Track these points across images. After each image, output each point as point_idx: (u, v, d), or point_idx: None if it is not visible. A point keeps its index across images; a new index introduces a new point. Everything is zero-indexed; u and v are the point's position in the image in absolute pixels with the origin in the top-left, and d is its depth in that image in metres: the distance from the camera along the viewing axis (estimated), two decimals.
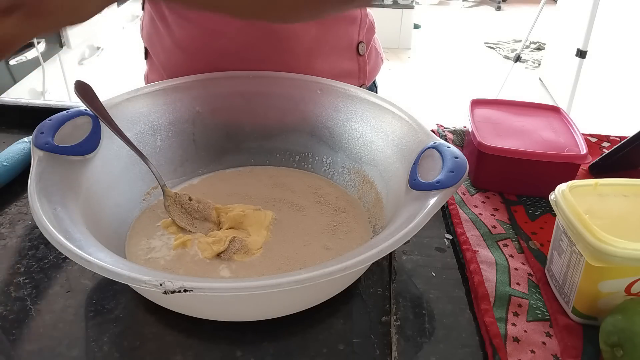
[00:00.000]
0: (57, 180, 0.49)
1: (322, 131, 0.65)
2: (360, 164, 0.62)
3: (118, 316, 0.47)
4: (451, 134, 0.74)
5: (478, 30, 4.05)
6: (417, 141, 0.53)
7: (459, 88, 3.03)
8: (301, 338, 0.46)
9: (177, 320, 0.46)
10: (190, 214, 0.57)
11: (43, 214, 0.43)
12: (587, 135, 0.74)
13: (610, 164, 0.65)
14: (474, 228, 0.58)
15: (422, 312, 0.48)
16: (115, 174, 0.56)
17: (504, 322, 0.46)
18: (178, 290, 0.37)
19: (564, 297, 0.48)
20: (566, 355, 0.44)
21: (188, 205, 0.57)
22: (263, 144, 0.67)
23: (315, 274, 0.39)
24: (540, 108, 0.71)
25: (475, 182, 0.65)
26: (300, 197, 0.62)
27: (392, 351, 0.44)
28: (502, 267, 0.52)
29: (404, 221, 0.44)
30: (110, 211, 0.54)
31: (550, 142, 0.63)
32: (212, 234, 0.55)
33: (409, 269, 0.53)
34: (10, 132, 0.77)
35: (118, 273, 0.38)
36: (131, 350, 0.44)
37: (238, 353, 0.44)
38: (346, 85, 0.63)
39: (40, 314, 0.47)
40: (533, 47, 3.68)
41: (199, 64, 0.70)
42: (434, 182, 0.46)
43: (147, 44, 0.78)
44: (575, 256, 0.45)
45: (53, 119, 0.53)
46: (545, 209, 0.61)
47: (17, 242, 0.56)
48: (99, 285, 0.50)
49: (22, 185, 0.64)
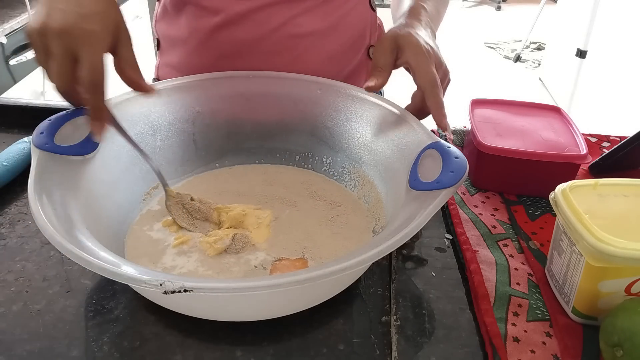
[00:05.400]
0: (57, 180, 0.49)
1: (322, 131, 0.65)
2: (360, 164, 0.62)
3: (118, 316, 0.47)
4: (451, 134, 0.74)
5: (478, 30, 4.05)
6: (417, 141, 0.53)
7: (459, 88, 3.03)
8: (301, 338, 0.46)
9: (177, 320, 0.46)
10: (192, 214, 0.57)
11: (43, 214, 0.43)
12: (587, 135, 0.74)
13: (610, 164, 0.65)
14: (474, 228, 0.58)
15: (422, 312, 0.48)
16: (115, 174, 0.56)
17: (504, 322, 0.46)
18: (178, 290, 0.37)
19: (564, 297, 0.48)
20: (566, 355, 0.43)
21: (190, 206, 0.57)
22: (263, 144, 0.67)
23: (315, 274, 0.39)
24: (540, 108, 0.71)
25: (475, 182, 0.65)
26: (293, 193, 0.63)
27: (392, 351, 0.44)
28: (502, 267, 0.52)
29: (404, 221, 0.44)
30: (110, 211, 0.54)
31: (550, 142, 0.63)
32: (213, 234, 0.55)
33: (409, 269, 0.53)
34: (10, 132, 0.77)
35: (118, 273, 0.38)
36: (131, 350, 0.44)
37: (238, 353, 0.44)
38: (346, 85, 0.63)
39: (40, 314, 0.47)
40: (533, 47, 3.67)
41: (211, 54, 0.71)
42: (434, 182, 0.46)
43: (160, 36, 0.79)
44: (575, 256, 0.45)
45: (53, 119, 0.53)
46: (545, 209, 0.61)
47: (17, 242, 0.56)
48: (99, 285, 0.50)
49: (22, 185, 0.64)
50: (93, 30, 0.47)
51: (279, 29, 0.69)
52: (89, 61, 0.47)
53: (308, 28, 0.71)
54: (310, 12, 0.70)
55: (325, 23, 0.72)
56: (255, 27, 0.69)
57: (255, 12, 0.68)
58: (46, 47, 0.47)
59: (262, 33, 0.69)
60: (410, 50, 0.56)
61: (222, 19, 0.69)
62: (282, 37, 0.70)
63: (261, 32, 0.69)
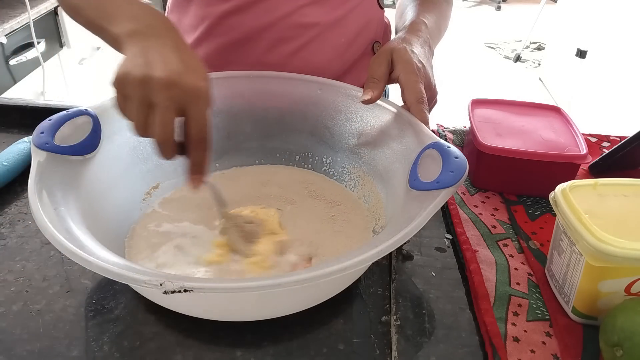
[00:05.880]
0: (57, 180, 0.49)
1: (322, 131, 0.65)
2: (360, 163, 0.62)
3: (118, 316, 0.47)
4: (451, 134, 0.74)
5: (478, 30, 4.05)
6: (417, 141, 0.53)
7: (459, 88, 3.03)
8: (301, 338, 0.46)
9: (177, 320, 0.46)
10: (248, 239, 0.55)
11: (43, 214, 0.43)
12: (587, 135, 0.74)
13: (610, 164, 0.65)
14: (474, 228, 0.58)
15: (422, 312, 0.48)
16: (115, 174, 0.56)
17: (503, 322, 0.46)
18: (178, 290, 0.37)
19: (564, 297, 0.48)
20: (566, 355, 0.44)
21: (248, 229, 0.55)
22: (263, 144, 0.67)
23: (315, 274, 0.39)
24: (540, 108, 0.71)
25: (475, 182, 0.65)
26: (293, 192, 0.63)
27: (392, 351, 0.44)
28: (502, 267, 0.52)
29: (404, 221, 0.44)
30: (111, 211, 0.54)
31: (550, 142, 0.63)
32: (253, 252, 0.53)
33: (409, 269, 0.53)
34: (10, 132, 0.77)
35: (118, 273, 0.38)
36: (131, 350, 0.44)
37: (238, 353, 0.44)
38: (346, 85, 0.63)
39: (40, 314, 0.47)
40: (533, 47, 3.67)
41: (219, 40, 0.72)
42: (434, 182, 0.46)
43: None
44: (575, 256, 0.45)
45: (53, 119, 0.53)
46: (545, 208, 0.61)
47: (17, 242, 0.56)
48: (99, 285, 0.50)
49: (22, 185, 0.64)
50: (202, 86, 0.45)
51: (286, 17, 0.71)
52: (198, 117, 0.45)
53: (314, 19, 0.72)
54: (317, 4, 0.72)
55: (331, 16, 0.73)
56: (263, 14, 0.71)
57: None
58: (146, 97, 0.44)
59: (270, 20, 0.71)
60: (401, 65, 0.57)
61: (232, 5, 0.71)
62: (290, 26, 0.72)
63: (269, 19, 0.71)
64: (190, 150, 0.47)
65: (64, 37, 1.85)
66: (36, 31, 1.61)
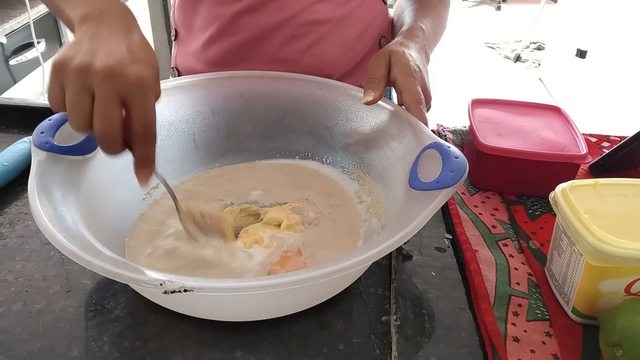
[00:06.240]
0: (57, 180, 0.49)
1: (322, 131, 0.65)
2: (360, 164, 0.62)
3: (118, 316, 0.47)
4: (451, 134, 0.74)
5: (478, 30, 4.05)
6: (417, 141, 0.53)
7: (459, 88, 3.03)
8: (301, 338, 0.46)
9: (177, 320, 0.46)
10: (204, 231, 0.55)
11: (43, 214, 0.43)
12: (587, 135, 0.74)
13: (610, 164, 0.65)
14: (474, 228, 0.58)
15: (422, 312, 0.48)
16: (115, 174, 0.56)
17: (503, 322, 0.46)
18: (178, 290, 0.37)
19: (564, 297, 0.48)
20: (566, 355, 0.44)
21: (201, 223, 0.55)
22: (263, 144, 0.67)
23: (315, 274, 0.39)
24: (540, 108, 0.71)
25: (475, 182, 0.65)
26: (293, 192, 0.63)
27: (392, 351, 0.44)
28: (502, 267, 0.52)
29: (404, 221, 0.44)
30: (110, 211, 0.54)
31: (550, 142, 0.63)
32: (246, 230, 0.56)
33: (409, 269, 0.53)
34: (10, 132, 0.77)
35: (118, 273, 0.38)
36: (131, 350, 0.44)
37: (238, 353, 0.44)
38: (346, 85, 0.63)
39: (40, 314, 0.47)
40: (533, 47, 3.67)
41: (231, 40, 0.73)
42: (434, 182, 0.46)
43: (179, 25, 0.80)
44: (575, 256, 0.45)
45: (53, 119, 0.53)
46: (545, 208, 0.61)
47: (17, 242, 0.56)
48: (99, 285, 0.50)
49: (22, 185, 0.64)
50: (147, 76, 0.42)
51: (297, 15, 0.72)
52: (142, 109, 0.42)
53: (324, 15, 0.73)
54: (326, 1, 0.73)
55: (340, 12, 0.74)
56: (275, 12, 0.71)
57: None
58: (85, 88, 0.41)
59: (282, 18, 0.72)
60: (399, 68, 0.58)
61: (244, 5, 0.71)
62: (301, 23, 0.72)
63: (281, 17, 0.72)
64: (135, 145, 0.44)
65: (64, 37, 1.85)
66: (36, 31, 1.61)
